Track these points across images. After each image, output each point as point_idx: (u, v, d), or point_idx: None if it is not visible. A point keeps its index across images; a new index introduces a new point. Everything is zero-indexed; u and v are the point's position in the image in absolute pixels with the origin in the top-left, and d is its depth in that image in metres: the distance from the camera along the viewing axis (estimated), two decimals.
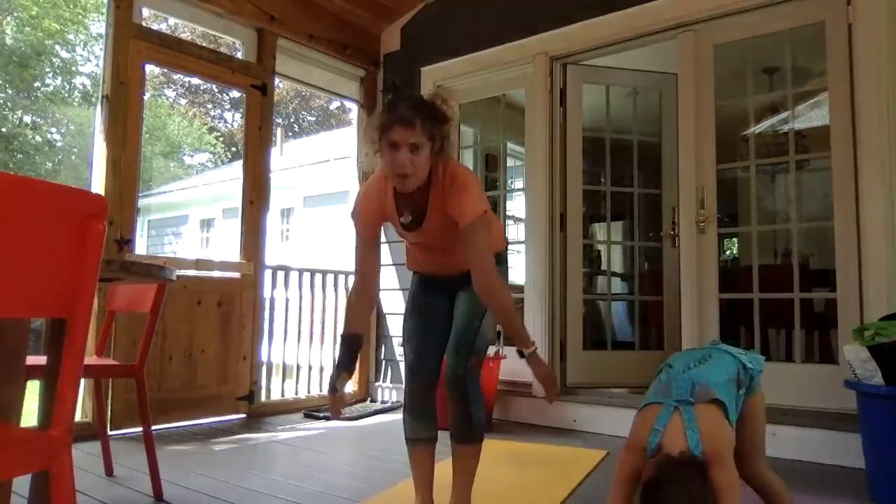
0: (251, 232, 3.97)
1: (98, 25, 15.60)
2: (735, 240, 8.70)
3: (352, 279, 4.67)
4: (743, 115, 3.66)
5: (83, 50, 16.44)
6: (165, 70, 12.81)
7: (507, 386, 3.90)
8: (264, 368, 4.06)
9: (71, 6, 15.18)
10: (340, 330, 4.68)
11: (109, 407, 3.17)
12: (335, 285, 4.64)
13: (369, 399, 4.65)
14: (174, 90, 20.72)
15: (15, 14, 14.33)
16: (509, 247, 2.23)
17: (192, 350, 3.63)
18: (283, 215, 10.56)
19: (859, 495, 2.37)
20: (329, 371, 4.59)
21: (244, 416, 3.86)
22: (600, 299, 4.87)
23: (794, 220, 3.41)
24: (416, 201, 1.83)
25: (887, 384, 2.32)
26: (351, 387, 4.65)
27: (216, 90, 20.92)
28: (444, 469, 2.05)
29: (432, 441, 2.01)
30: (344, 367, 1.89)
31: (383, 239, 4.65)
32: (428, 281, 2.04)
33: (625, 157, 4.29)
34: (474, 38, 4.29)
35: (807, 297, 3.61)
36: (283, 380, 4.48)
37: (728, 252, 9.50)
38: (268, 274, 4.10)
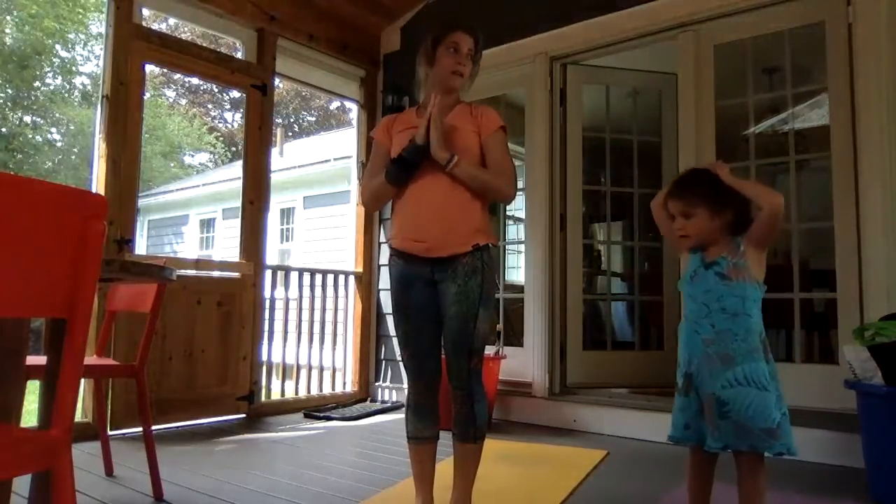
0: (251, 232, 3.97)
1: (98, 25, 15.56)
2: None
3: (351, 279, 4.71)
4: (743, 115, 3.65)
5: (83, 49, 16.42)
6: (165, 70, 12.81)
7: (507, 386, 3.90)
8: (264, 368, 4.06)
9: (70, 5, 15.12)
10: (341, 328, 4.70)
11: (109, 407, 3.17)
12: (335, 285, 4.63)
13: (369, 399, 4.64)
14: (174, 90, 20.68)
15: (14, 13, 14.30)
16: (508, 247, 2.24)
17: (192, 350, 3.63)
18: (283, 215, 10.53)
19: (859, 495, 2.37)
20: (329, 371, 4.59)
21: (244, 416, 3.86)
22: (600, 299, 4.87)
23: (794, 220, 3.41)
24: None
25: (887, 384, 2.31)
26: (350, 387, 4.66)
27: (216, 90, 20.86)
28: (445, 469, 2.05)
29: (434, 439, 2.01)
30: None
31: (383, 239, 4.68)
32: (406, 276, 1.98)
33: (625, 157, 4.29)
34: None
35: (807, 297, 3.60)
36: (283, 380, 4.49)
37: None
38: (268, 274, 4.10)
